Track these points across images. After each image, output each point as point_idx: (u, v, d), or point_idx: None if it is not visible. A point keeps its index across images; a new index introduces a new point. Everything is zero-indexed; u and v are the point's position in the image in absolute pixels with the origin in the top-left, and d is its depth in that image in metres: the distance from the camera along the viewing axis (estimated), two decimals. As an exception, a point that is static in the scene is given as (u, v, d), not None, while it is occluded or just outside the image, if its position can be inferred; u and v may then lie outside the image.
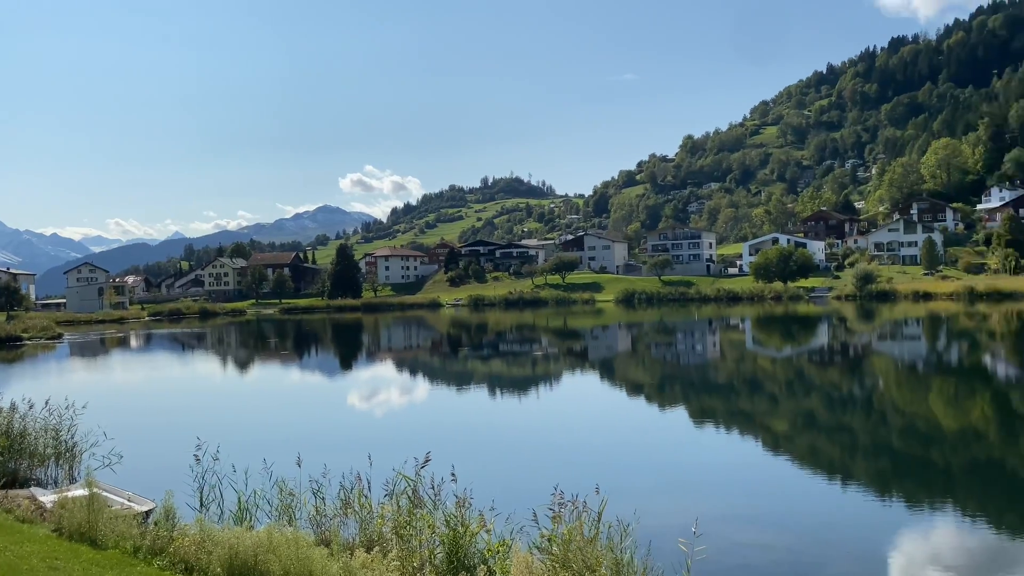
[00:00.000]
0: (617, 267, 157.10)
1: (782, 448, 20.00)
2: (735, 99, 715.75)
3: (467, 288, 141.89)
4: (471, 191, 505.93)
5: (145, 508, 11.78)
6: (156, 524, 10.54)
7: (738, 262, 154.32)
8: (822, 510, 14.33)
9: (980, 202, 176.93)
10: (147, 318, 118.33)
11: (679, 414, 25.88)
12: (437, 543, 9.12)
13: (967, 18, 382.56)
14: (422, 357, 51.51)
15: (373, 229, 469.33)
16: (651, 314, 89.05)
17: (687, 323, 74.30)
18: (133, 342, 72.02)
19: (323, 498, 10.70)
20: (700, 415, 24.81)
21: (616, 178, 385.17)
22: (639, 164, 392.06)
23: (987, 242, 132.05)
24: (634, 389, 31.98)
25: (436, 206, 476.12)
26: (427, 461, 9.98)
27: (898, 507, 14.42)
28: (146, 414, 28.08)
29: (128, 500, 12.42)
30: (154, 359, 57.63)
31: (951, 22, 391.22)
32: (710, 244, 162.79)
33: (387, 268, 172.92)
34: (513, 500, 10.21)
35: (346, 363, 50.57)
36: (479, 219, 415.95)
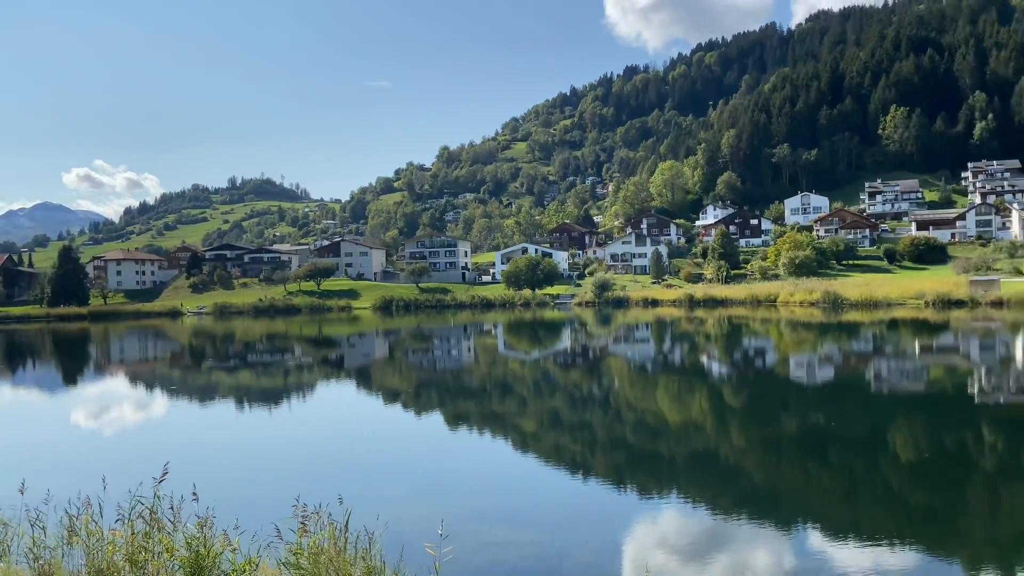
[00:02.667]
0: (375, 274, 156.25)
1: (530, 447, 20.99)
2: (489, 113, 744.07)
3: (212, 295, 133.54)
4: (217, 191, 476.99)
5: None
6: None
7: (491, 270, 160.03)
8: (565, 504, 15.24)
9: (698, 219, 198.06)
10: None
11: (433, 419, 26.24)
12: (177, 567, 8.46)
13: (688, 53, 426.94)
14: (160, 370, 47.54)
15: (103, 230, 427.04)
16: (409, 321, 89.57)
17: (444, 329, 75.60)
18: None
19: (43, 528, 9.49)
20: (454, 419, 25.33)
21: (374, 184, 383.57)
22: (397, 172, 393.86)
23: (704, 254, 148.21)
24: (390, 396, 31.95)
25: (177, 206, 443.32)
26: (165, 476, 9.21)
27: (631, 496, 15.71)
28: None
29: None
30: None
31: (676, 56, 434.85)
32: (465, 252, 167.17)
33: (119, 273, 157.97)
34: (260, 516, 9.75)
35: (70, 378, 45.42)
36: (226, 221, 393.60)
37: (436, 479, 17.33)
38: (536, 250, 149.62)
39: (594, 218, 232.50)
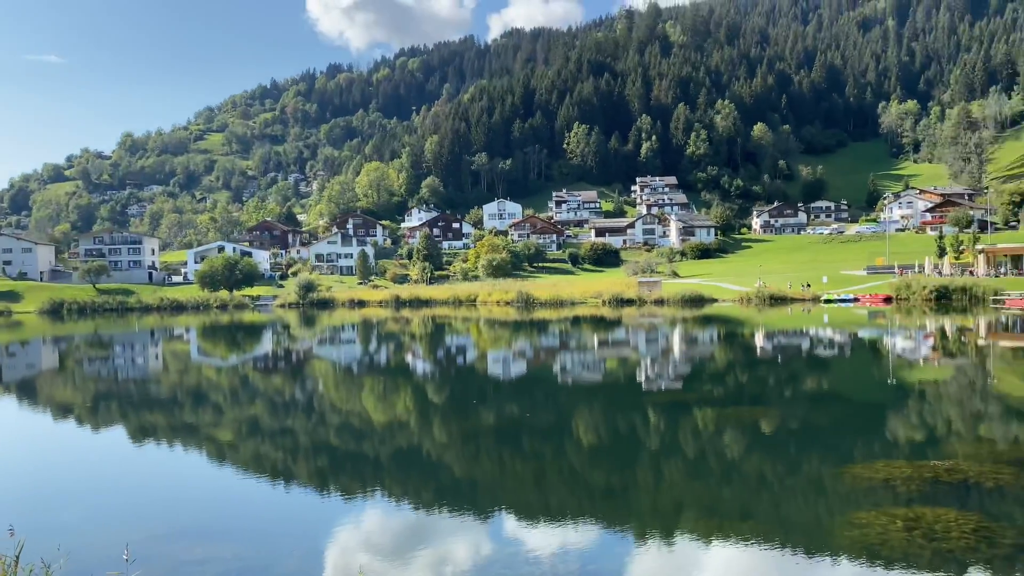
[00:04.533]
0: (41, 273, 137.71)
1: (228, 457, 19.90)
2: (180, 99, 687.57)
3: None
4: None
5: None
6: None
7: (183, 270, 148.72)
8: (268, 513, 14.70)
9: (404, 221, 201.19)
10: None
11: (116, 435, 23.78)
12: None
13: (392, 57, 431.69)
14: None
15: None
16: (84, 326, 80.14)
17: (127, 335, 68.87)
18: None
19: None
20: (140, 434, 23.19)
21: (40, 172, 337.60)
22: (69, 158, 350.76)
23: (409, 256, 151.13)
24: (63, 412, 28.36)
25: None
26: None
27: (336, 500, 15.56)
28: None
29: None
30: None
31: (379, 58, 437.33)
32: (153, 250, 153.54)
33: None
34: None
35: None
36: None
37: (122, 500, 15.77)
38: (234, 249, 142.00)
39: (298, 217, 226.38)
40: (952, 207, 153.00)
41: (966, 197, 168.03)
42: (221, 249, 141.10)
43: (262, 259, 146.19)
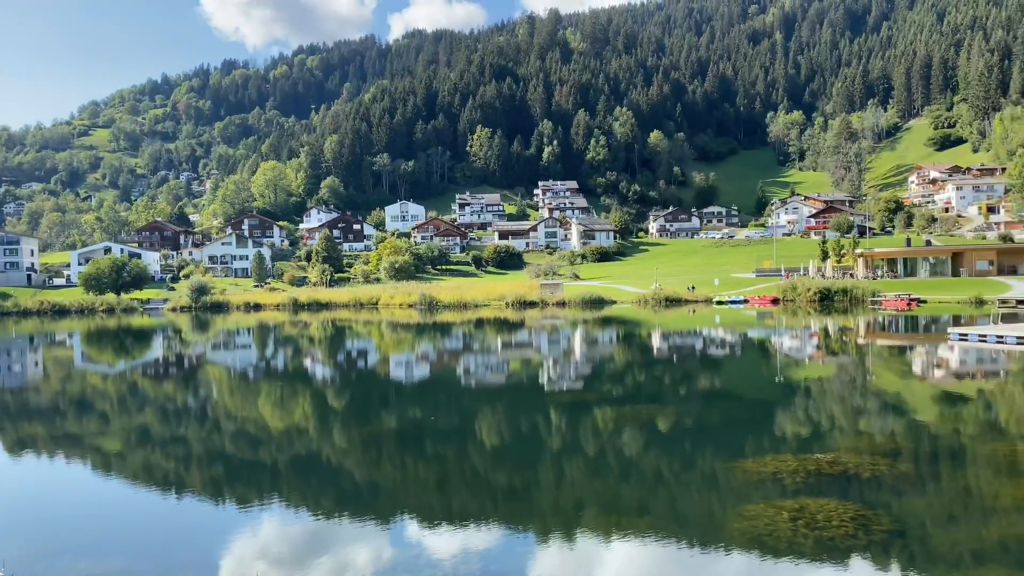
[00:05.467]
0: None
1: (115, 468, 18.98)
2: (62, 93, 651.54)
3: None
4: None
5: None
6: None
7: (66, 272, 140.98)
8: (160, 525, 14.10)
9: (302, 221, 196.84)
10: None
11: (-11, 447, 22.29)
12: None
13: (290, 54, 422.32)
14: None
15: None
16: (-49, 332, 74.79)
17: (2, 341, 64.71)
18: None
19: None
20: (17, 446, 21.83)
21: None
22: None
23: (308, 258, 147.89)
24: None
25: None
26: None
27: (231, 509, 15.08)
28: None
29: None
30: None
31: (277, 55, 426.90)
32: (32, 251, 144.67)
33: None
34: None
35: None
36: None
37: (-7, 517, 14.80)
38: (122, 250, 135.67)
39: (190, 217, 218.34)
40: (834, 213, 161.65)
41: (847, 204, 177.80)
42: (108, 250, 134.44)
43: (152, 261, 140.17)
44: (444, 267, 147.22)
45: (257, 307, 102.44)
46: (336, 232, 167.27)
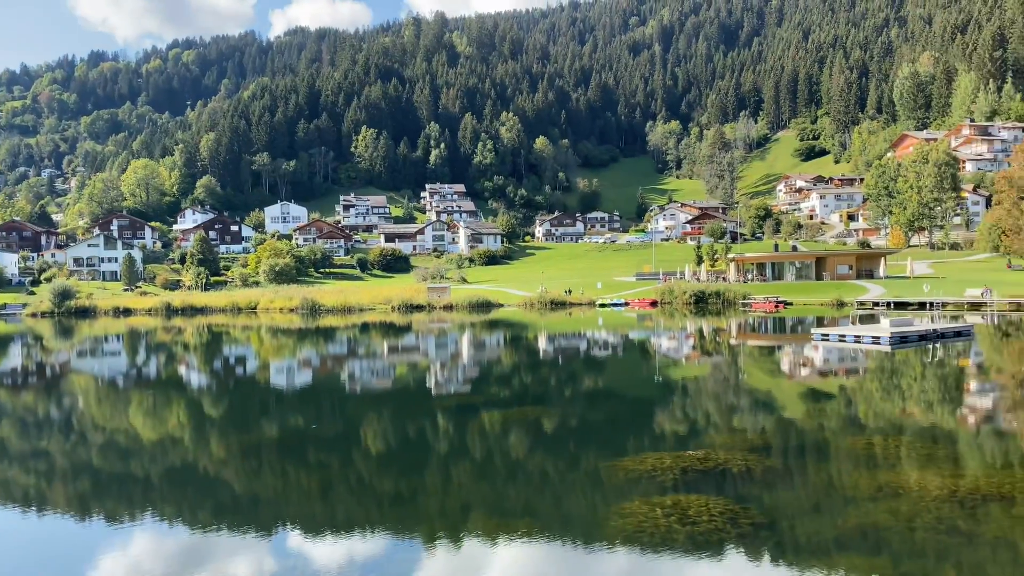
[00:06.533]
0: None
1: (-35, 488, 17.59)
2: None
3: None
4: None
5: None
6: None
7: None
8: (17, 548, 13.20)
9: (176, 222, 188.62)
10: None
11: None
12: None
13: (164, 48, 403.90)
14: None
15: None
16: None
17: None
18: None
19: None
20: None
21: None
22: None
23: (182, 260, 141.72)
24: None
25: None
26: None
27: (99, 525, 14.29)
28: None
29: None
30: None
31: (150, 48, 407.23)
32: None
33: None
34: None
35: None
36: None
37: None
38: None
39: (53, 217, 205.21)
40: (708, 219, 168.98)
41: (720, 211, 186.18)
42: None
43: (9, 263, 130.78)
44: (327, 270, 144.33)
45: (127, 312, 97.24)
46: (213, 234, 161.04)
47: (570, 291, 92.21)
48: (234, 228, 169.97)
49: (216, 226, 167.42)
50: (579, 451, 19.29)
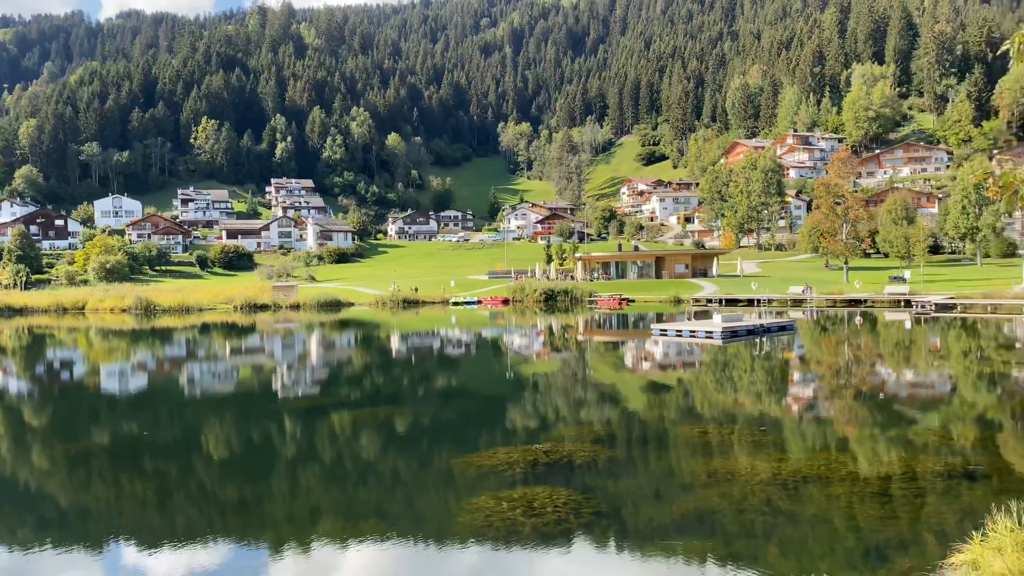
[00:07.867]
0: None
1: None
2: None
3: None
4: None
5: None
6: None
7: None
8: None
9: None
10: None
11: None
12: None
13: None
14: None
15: None
16: None
17: None
18: None
19: None
20: None
21: None
22: None
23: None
24: None
25: None
26: None
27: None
28: None
29: None
30: None
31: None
32: None
33: None
34: None
35: None
36: None
37: None
38: None
39: None
40: (558, 220, 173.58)
41: (569, 211, 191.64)
42: None
43: None
44: (164, 268, 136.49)
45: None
46: (34, 228, 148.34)
47: (417, 289, 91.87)
48: (59, 222, 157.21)
49: (39, 220, 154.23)
50: (431, 449, 19.36)
